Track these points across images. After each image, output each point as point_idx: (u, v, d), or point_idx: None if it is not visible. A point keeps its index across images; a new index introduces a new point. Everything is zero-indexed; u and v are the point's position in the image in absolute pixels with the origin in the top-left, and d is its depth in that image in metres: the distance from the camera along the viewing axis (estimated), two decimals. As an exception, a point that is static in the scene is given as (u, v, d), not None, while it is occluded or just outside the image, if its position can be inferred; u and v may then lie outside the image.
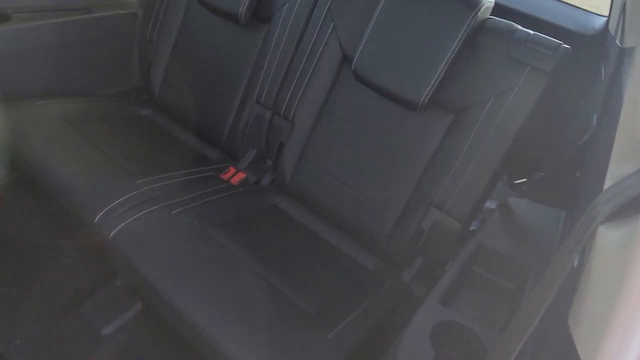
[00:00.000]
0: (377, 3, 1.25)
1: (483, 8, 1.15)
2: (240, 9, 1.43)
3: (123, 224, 1.14)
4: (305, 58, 1.41)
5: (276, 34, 1.45)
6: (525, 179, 1.20)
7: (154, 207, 1.20)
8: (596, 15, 1.53)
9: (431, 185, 1.22)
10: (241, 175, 1.45)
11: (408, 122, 1.25)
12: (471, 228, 1.32)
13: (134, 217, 1.16)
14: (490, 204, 1.49)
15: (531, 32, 1.14)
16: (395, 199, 1.27)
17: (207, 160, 1.56)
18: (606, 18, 1.45)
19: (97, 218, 1.15)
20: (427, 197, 1.22)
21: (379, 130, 1.29)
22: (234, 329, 0.98)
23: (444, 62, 1.16)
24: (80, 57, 1.67)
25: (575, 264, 0.51)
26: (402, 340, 0.78)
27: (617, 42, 1.05)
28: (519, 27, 1.16)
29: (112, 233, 1.12)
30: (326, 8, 1.37)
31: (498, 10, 1.24)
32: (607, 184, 0.50)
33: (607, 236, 0.44)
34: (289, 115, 1.43)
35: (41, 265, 1.41)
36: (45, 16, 1.57)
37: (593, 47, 1.42)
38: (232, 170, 1.47)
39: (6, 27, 1.46)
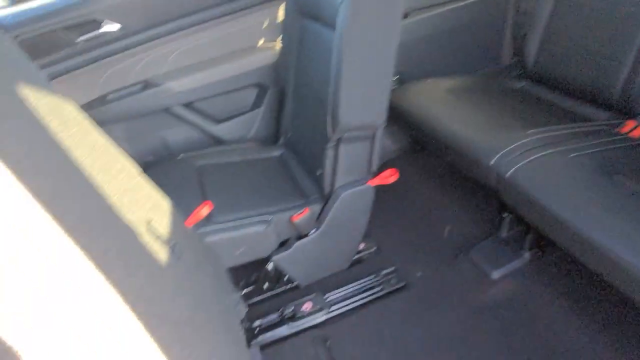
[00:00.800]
0: None
1: None
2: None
3: (519, 164, 1.17)
4: None
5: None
6: None
7: (549, 151, 1.18)
8: None
9: None
10: (644, 128, 1.26)
11: None
12: None
13: (530, 159, 1.17)
14: None
15: None
16: None
17: (597, 118, 1.44)
18: None
19: (493, 161, 1.22)
20: None
21: None
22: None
23: None
24: (458, 41, 1.85)
25: None
26: None
27: None
28: None
29: (509, 173, 1.17)
30: None
31: None
32: None
33: None
34: None
35: (434, 214, 1.61)
36: (431, 9, 1.82)
37: None
38: (631, 123, 1.30)
39: (405, 21, 1.77)
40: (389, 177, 1.32)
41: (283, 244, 1.33)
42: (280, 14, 1.66)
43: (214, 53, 1.66)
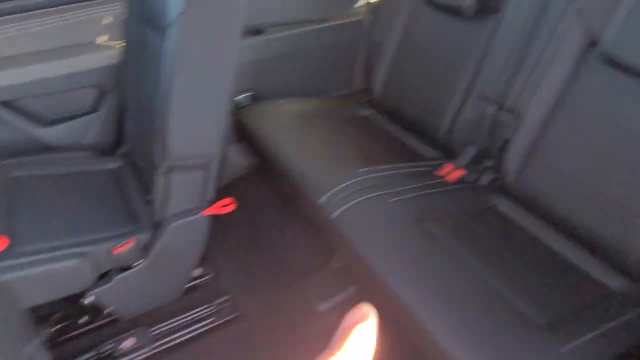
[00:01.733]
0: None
1: None
2: (466, 2, 1.39)
3: (344, 207, 1.21)
4: (539, 47, 1.27)
5: (505, 24, 1.36)
6: None
7: (373, 194, 1.24)
8: None
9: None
10: (458, 173, 1.39)
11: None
12: None
13: (355, 201, 1.22)
14: None
15: None
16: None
17: (422, 157, 1.56)
18: None
19: (321, 200, 1.25)
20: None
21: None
22: (452, 322, 0.92)
23: None
24: (312, 62, 1.87)
25: None
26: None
27: None
28: None
29: (334, 214, 1.20)
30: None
31: None
32: None
33: None
34: (516, 109, 1.31)
35: (273, 241, 1.61)
36: (289, 28, 1.81)
37: None
38: (449, 167, 1.43)
39: (259, 38, 1.73)
40: (225, 207, 1.29)
41: (104, 275, 1.22)
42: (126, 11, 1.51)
43: (45, 44, 1.44)
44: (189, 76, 1.03)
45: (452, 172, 1.41)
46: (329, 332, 1.12)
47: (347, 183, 1.27)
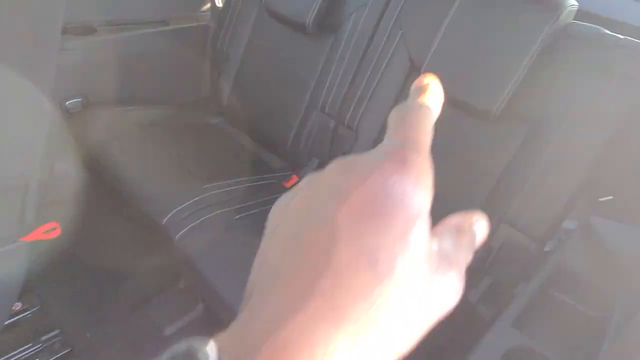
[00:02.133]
0: (448, 10, 1.20)
1: (565, 13, 1.07)
2: (308, 18, 1.44)
3: (188, 227, 1.17)
4: (371, 67, 1.39)
5: (343, 43, 1.45)
6: (611, 197, 1.09)
7: (218, 212, 1.22)
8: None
9: (503, 200, 1.14)
10: (303, 184, 1.45)
11: (481, 133, 1.19)
12: (546, 249, 1.23)
13: (199, 220, 1.18)
14: (569, 224, 1.38)
15: (621, 36, 1.05)
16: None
17: (270, 168, 1.58)
18: None
19: (165, 220, 1.19)
20: (497, 213, 1.15)
21: (449, 142, 1.24)
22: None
23: (521, 69, 1.09)
24: (155, 67, 1.76)
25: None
26: (470, 364, 0.72)
27: None
28: (607, 31, 1.07)
29: (178, 235, 1.15)
30: (394, 17, 1.34)
31: (580, 15, 1.15)
32: None
33: None
34: (353, 125, 1.41)
35: (112, 265, 1.47)
36: (126, 29, 1.66)
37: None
38: (295, 178, 1.47)
39: (91, 39, 1.56)
40: (49, 232, 1.14)
41: None
42: None
43: None
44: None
45: (297, 183, 1.45)
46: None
47: (192, 201, 1.23)
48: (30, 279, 1.17)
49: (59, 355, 1.23)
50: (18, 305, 1.30)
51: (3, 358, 1.19)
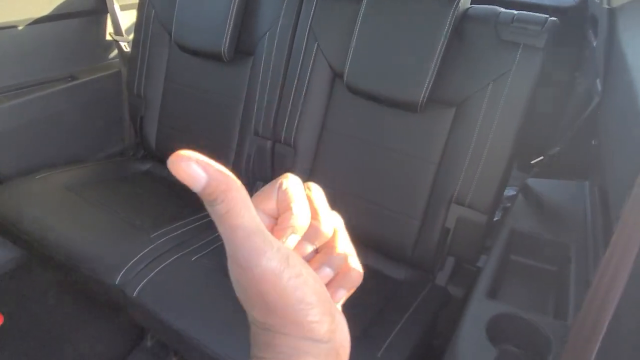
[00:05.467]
0: (356, 14, 1.25)
1: (462, -1, 1.15)
2: (223, 47, 1.43)
3: (144, 280, 1.11)
4: (295, 82, 1.40)
5: (262, 64, 1.45)
6: (541, 157, 1.17)
7: (173, 258, 1.17)
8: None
9: (447, 182, 1.19)
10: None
11: (411, 125, 1.24)
12: (495, 219, 1.29)
13: (154, 271, 1.13)
14: (509, 191, 1.46)
15: (515, 11, 1.14)
16: (414, 204, 1.24)
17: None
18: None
19: (118, 279, 1.12)
20: (445, 195, 1.19)
21: (384, 138, 1.28)
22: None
23: (435, 58, 1.15)
24: (72, 125, 1.67)
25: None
26: (458, 342, 0.74)
27: (604, 5, 1.04)
28: (502, 9, 1.16)
29: (135, 292, 1.09)
30: (307, 29, 1.37)
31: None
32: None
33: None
34: (290, 141, 1.41)
35: (71, 337, 1.36)
36: (30, 91, 1.56)
37: (576, 18, 1.42)
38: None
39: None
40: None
41: None
42: None
43: None
44: None
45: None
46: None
47: (142, 254, 1.17)
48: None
49: None
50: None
51: None
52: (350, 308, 1.12)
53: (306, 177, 1.38)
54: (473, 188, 1.16)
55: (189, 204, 1.49)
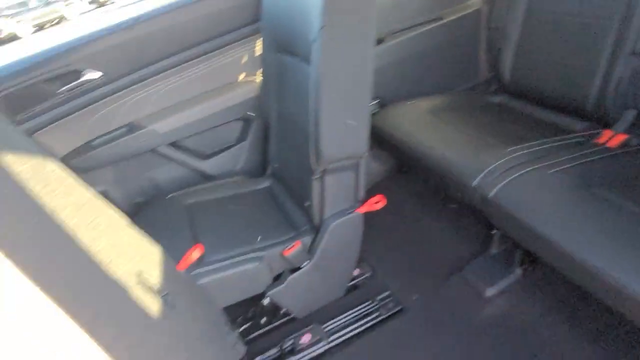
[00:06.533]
0: None
1: None
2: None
3: (500, 184, 1.19)
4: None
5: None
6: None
7: (529, 169, 1.20)
8: None
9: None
10: (621, 137, 1.29)
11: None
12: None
13: (510, 178, 1.19)
14: None
15: None
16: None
17: (571, 130, 1.47)
18: None
19: (475, 182, 1.24)
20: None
21: None
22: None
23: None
24: (434, 61, 1.89)
25: None
26: None
27: None
28: None
29: (491, 194, 1.19)
30: None
31: None
32: None
33: None
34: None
35: (424, 236, 1.62)
36: (406, 32, 1.86)
37: None
38: (608, 133, 1.33)
39: (379, 47, 1.80)
40: (377, 203, 1.34)
41: (277, 278, 1.34)
42: (258, 48, 1.69)
43: (196, 91, 1.68)
44: (335, 84, 1.12)
45: (613, 138, 1.31)
46: (497, 318, 1.11)
47: (498, 162, 1.25)
48: (363, 249, 1.40)
49: (392, 311, 1.41)
50: (356, 271, 1.56)
51: (350, 312, 1.43)
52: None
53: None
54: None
55: (541, 130, 1.49)
